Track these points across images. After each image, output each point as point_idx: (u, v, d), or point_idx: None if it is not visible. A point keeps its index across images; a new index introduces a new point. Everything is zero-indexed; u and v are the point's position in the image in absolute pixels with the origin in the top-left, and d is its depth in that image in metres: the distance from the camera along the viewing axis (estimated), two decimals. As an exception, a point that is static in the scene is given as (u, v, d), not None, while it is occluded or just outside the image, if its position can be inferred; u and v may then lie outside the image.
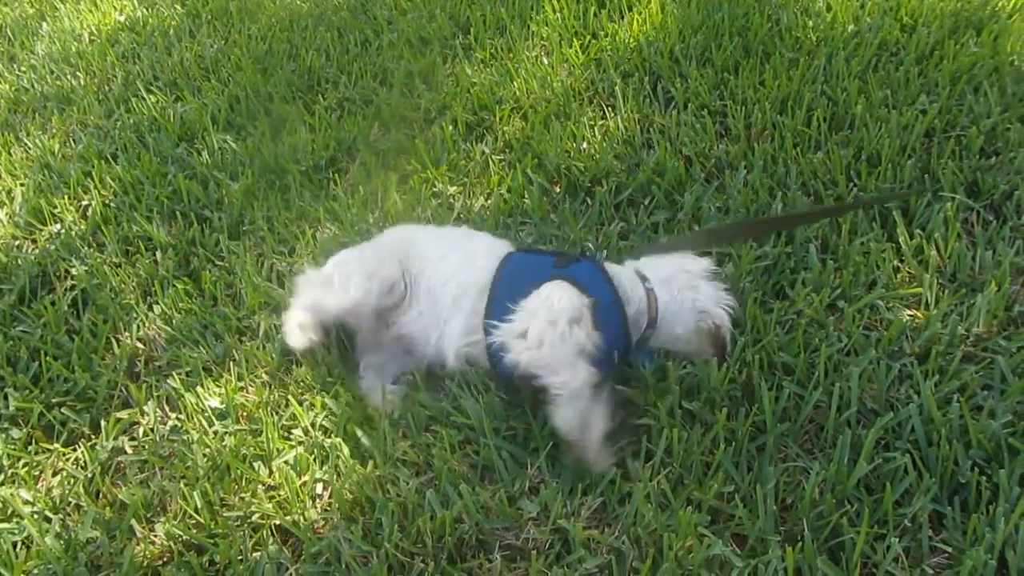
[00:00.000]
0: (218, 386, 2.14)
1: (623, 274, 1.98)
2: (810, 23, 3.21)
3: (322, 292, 2.09)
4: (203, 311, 2.36)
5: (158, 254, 2.62)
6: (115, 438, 2.05)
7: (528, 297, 1.85)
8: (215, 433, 2.01)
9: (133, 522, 1.81)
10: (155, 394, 2.16)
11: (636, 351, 1.96)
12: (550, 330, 1.77)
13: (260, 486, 1.87)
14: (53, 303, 2.46)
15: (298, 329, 2.07)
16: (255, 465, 1.90)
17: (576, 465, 1.78)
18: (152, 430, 2.06)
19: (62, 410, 2.12)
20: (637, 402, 1.90)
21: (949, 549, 1.55)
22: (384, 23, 3.84)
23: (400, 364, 2.13)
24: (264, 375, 2.15)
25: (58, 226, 2.85)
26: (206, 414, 2.06)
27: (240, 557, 1.72)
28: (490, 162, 2.81)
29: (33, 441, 2.08)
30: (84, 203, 2.95)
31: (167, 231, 2.72)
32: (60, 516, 1.87)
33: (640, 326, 1.94)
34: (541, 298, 1.83)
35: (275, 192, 2.81)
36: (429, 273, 2.09)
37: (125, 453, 2.02)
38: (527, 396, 1.93)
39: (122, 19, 4.44)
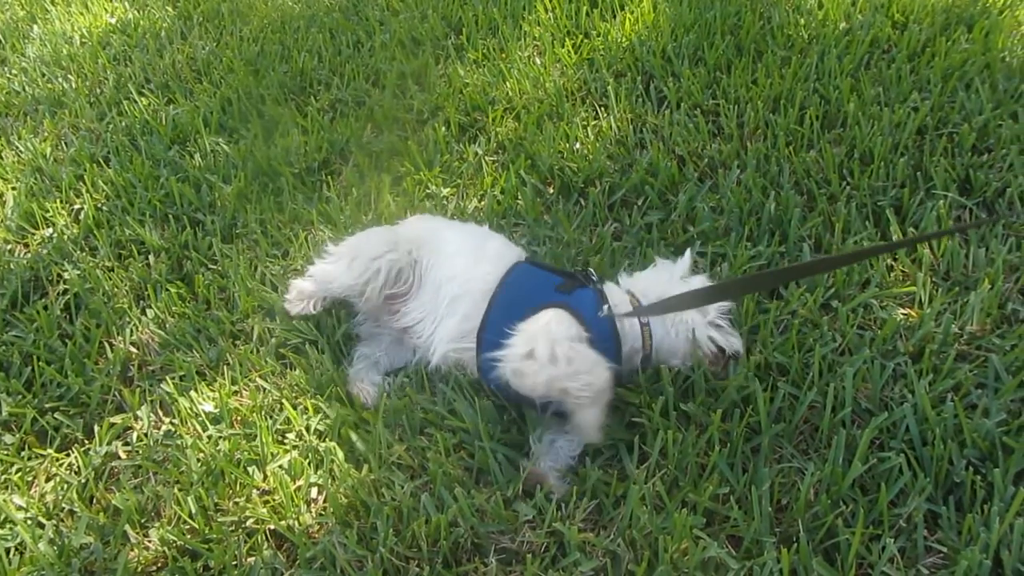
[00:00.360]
0: (212, 390, 2.13)
1: (621, 305, 1.95)
2: (802, 21, 3.22)
3: (331, 266, 2.16)
4: (196, 315, 2.35)
5: (151, 258, 2.61)
6: (108, 443, 2.04)
7: (527, 321, 1.84)
8: (209, 437, 2.00)
9: (127, 528, 1.81)
10: (149, 399, 2.15)
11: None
12: (557, 346, 1.75)
13: (254, 491, 1.86)
14: (46, 307, 2.44)
15: (298, 296, 2.18)
16: (249, 470, 1.90)
17: (530, 485, 1.78)
18: (146, 435, 2.05)
19: (55, 415, 2.11)
20: (632, 402, 1.90)
21: (944, 549, 1.56)
22: (376, 24, 3.83)
23: (393, 359, 2.14)
24: (258, 379, 2.14)
25: (50, 230, 2.84)
26: (200, 418, 2.05)
27: (234, 562, 1.71)
28: (483, 163, 2.80)
29: (26, 446, 2.07)
30: (76, 207, 2.94)
31: (160, 234, 2.71)
32: (53, 522, 1.86)
33: (634, 362, 1.94)
34: (540, 323, 1.82)
35: (268, 195, 2.81)
36: (438, 267, 2.10)
37: (119, 458, 2.01)
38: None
39: (113, 21, 4.42)
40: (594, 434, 1.77)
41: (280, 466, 1.89)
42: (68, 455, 2.04)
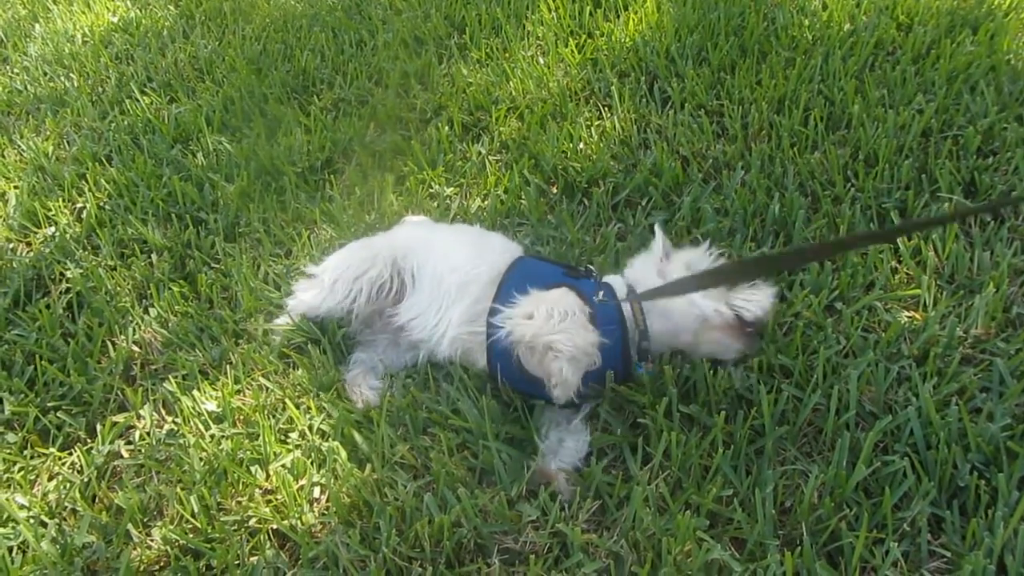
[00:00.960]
0: (215, 389, 2.13)
1: (621, 293, 1.96)
2: (806, 22, 3.21)
3: (311, 294, 2.17)
4: (199, 314, 2.35)
5: (153, 257, 2.61)
6: (111, 442, 2.03)
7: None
8: (212, 437, 2.00)
9: (129, 527, 1.81)
10: (151, 397, 2.15)
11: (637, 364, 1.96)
12: (556, 309, 1.78)
13: (257, 490, 1.86)
14: (48, 306, 2.44)
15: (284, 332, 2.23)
16: (252, 469, 1.90)
17: (537, 484, 1.79)
18: (148, 434, 2.05)
19: (58, 414, 2.11)
20: (636, 402, 1.90)
21: (948, 553, 1.55)
22: (379, 23, 3.83)
23: (391, 361, 2.14)
24: (261, 378, 2.14)
25: (53, 229, 2.84)
26: (203, 418, 2.05)
27: (237, 562, 1.71)
28: (487, 163, 2.80)
29: (29, 445, 2.07)
30: (79, 205, 2.94)
31: (162, 233, 2.70)
32: (56, 521, 1.86)
33: (635, 340, 1.93)
34: (547, 295, 1.84)
35: (271, 194, 2.80)
36: (434, 263, 2.10)
37: (121, 457, 2.01)
38: (524, 396, 1.96)
39: (115, 20, 4.42)
40: (562, 389, 1.74)
41: (283, 465, 1.89)
42: (71, 454, 2.04)
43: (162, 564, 1.76)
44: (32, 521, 1.85)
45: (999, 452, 1.66)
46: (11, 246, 2.80)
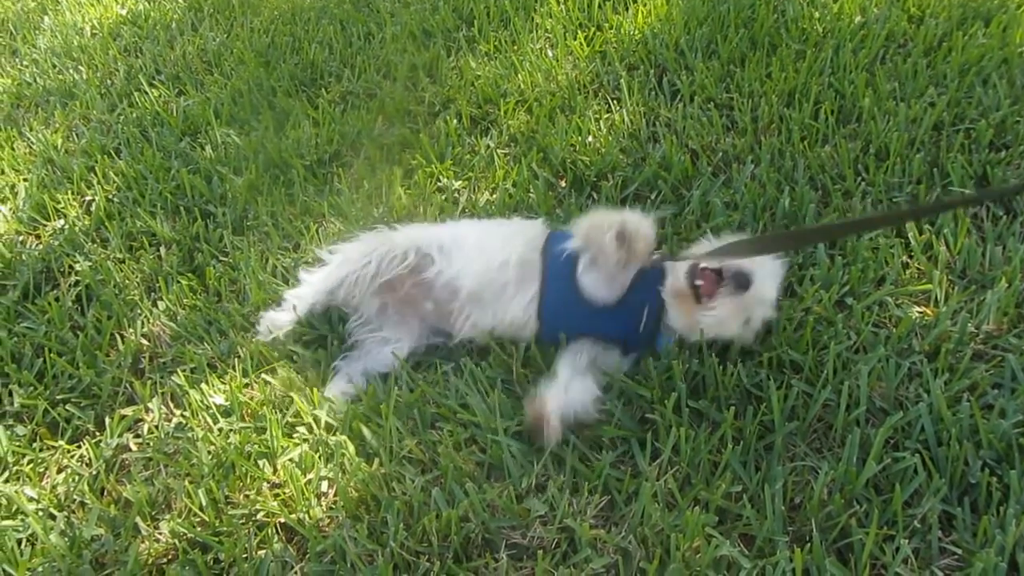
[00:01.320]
0: (223, 383, 2.13)
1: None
2: (816, 14, 3.18)
3: (317, 276, 2.18)
4: (208, 307, 2.35)
5: (162, 250, 2.61)
6: (120, 435, 2.04)
7: None
8: (220, 430, 2.00)
9: (138, 520, 1.81)
10: (160, 391, 2.15)
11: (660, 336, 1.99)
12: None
13: (265, 484, 1.86)
14: (57, 299, 2.45)
15: (272, 325, 2.19)
16: (260, 463, 1.89)
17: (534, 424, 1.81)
18: (157, 427, 2.05)
19: (67, 407, 2.11)
20: (645, 397, 1.89)
21: (959, 551, 1.54)
22: (387, 16, 3.82)
23: (376, 365, 2.12)
24: (266, 372, 2.14)
25: (61, 221, 2.84)
26: (211, 411, 2.05)
27: (245, 555, 1.71)
28: (495, 156, 2.79)
29: (38, 438, 2.07)
30: (87, 198, 2.94)
31: (171, 226, 2.71)
32: (65, 513, 1.86)
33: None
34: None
35: (279, 187, 2.80)
36: (464, 240, 2.13)
37: (130, 450, 2.01)
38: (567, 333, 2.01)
39: (124, 12, 4.43)
40: (642, 238, 1.94)
41: (291, 459, 1.89)
42: (79, 447, 2.04)
43: (170, 557, 1.77)
44: (41, 513, 1.86)
45: (1011, 449, 1.65)
46: (20, 239, 2.81)
